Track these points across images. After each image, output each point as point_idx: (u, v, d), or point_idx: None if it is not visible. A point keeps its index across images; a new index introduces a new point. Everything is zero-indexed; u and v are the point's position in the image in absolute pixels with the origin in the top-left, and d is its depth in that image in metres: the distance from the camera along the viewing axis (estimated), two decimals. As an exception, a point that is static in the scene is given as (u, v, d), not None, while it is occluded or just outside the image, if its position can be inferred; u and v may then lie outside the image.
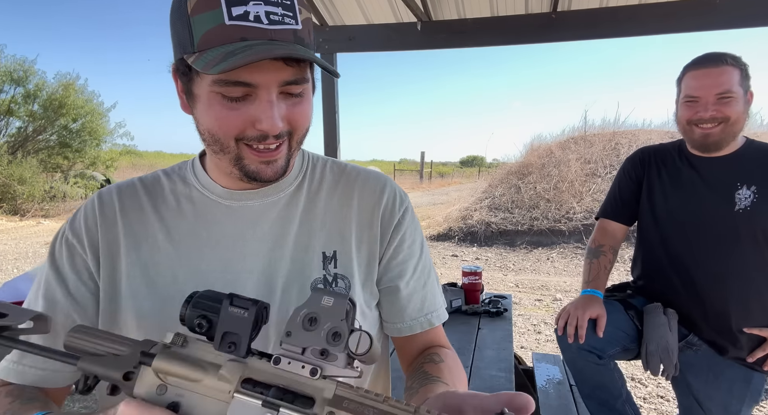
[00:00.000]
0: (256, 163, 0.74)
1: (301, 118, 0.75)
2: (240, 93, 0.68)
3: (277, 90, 0.70)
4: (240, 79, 0.66)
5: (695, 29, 2.78)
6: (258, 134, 0.71)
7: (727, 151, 1.77)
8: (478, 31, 3.12)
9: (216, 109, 0.70)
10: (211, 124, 0.72)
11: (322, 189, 0.89)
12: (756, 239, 1.69)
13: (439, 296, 0.94)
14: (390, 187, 0.92)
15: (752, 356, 1.72)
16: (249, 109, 0.69)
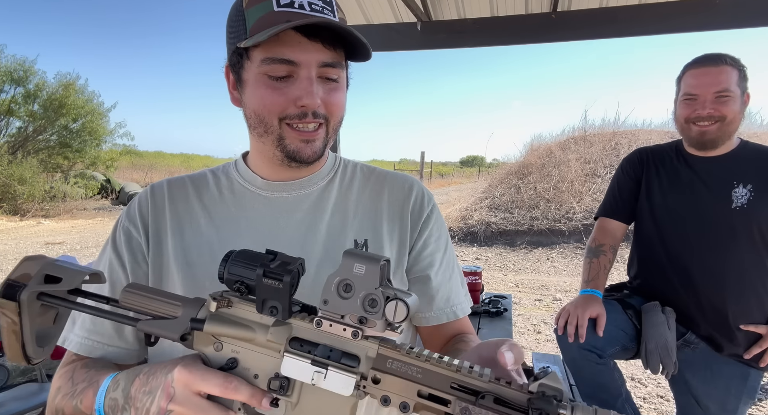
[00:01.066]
0: (297, 141, 0.82)
1: (337, 104, 0.83)
2: (284, 72, 0.78)
3: (316, 71, 0.79)
4: (284, 56, 0.76)
5: (695, 29, 2.78)
6: (299, 112, 0.79)
7: (724, 150, 1.80)
8: (478, 31, 3.12)
9: (262, 89, 0.79)
10: (257, 104, 0.81)
11: (353, 185, 0.97)
12: (752, 237, 1.72)
13: (462, 290, 0.99)
14: (418, 185, 1.00)
15: (749, 353, 1.74)
16: (291, 88, 0.78)
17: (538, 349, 4.22)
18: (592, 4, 2.87)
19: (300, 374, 0.57)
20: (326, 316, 0.57)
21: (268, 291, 0.59)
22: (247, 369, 0.60)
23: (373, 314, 0.55)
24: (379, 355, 0.55)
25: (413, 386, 0.53)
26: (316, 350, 0.57)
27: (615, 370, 1.83)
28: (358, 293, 0.55)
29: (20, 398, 2.47)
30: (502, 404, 0.50)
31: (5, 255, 8.59)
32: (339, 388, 0.55)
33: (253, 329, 0.60)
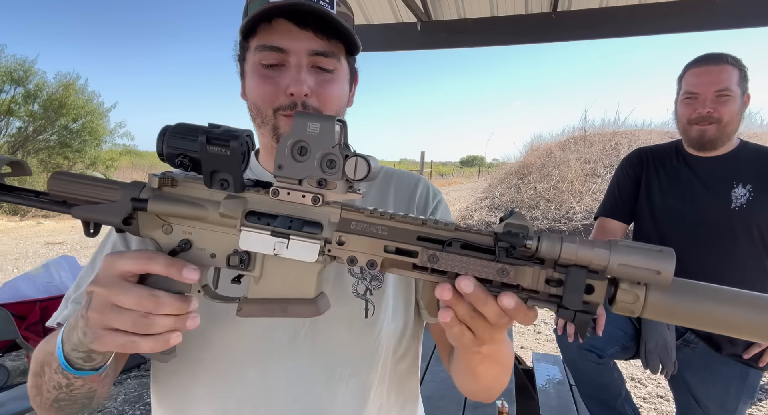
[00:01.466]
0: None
1: (330, 96, 0.82)
2: (274, 60, 0.79)
3: (307, 60, 0.80)
4: (274, 43, 0.78)
5: (695, 29, 2.79)
6: (289, 101, 0.79)
7: (723, 151, 1.80)
8: (478, 31, 3.12)
9: (256, 79, 0.81)
10: (253, 94, 0.82)
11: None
12: (751, 236, 1.72)
13: None
14: (423, 182, 1.00)
15: (748, 353, 1.74)
16: (282, 77, 0.79)
17: (538, 349, 4.22)
18: (592, 4, 2.87)
19: (260, 246, 0.54)
20: (283, 183, 0.54)
21: (215, 161, 0.54)
22: (202, 250, 0.57)
23: (333, 174, 0.53)
24: (343, 219, 0.54)
25: (379, 243, 0.52)
26: (275, 221, 0.55)
27: (615, 370, 1.83)
28: (315, 154, 0.53)
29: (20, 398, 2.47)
30: (470, 247, 0.50)
31: (5, 255, 8.58)
32: (303, 255, 0.54)
33: (203, 206, 0.56)
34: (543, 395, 2.39)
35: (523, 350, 4.14)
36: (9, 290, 3.56)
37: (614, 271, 0.45)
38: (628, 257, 0.44)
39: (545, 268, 0.47)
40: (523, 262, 0.48)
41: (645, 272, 0.44)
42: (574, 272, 0.46)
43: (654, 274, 0.44)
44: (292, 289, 0.56)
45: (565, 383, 2.52)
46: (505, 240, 0.47)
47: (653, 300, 0.46)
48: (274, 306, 0.56)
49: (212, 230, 0.57)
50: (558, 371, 2.66)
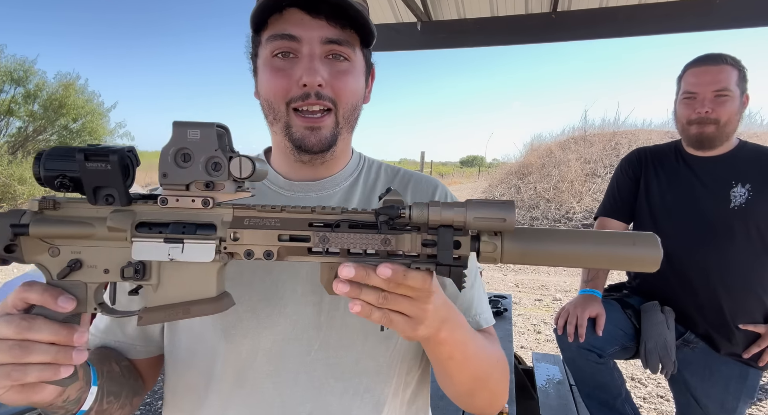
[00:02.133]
0: (301, 129, 0.79)
1: (346, 88, 0.79)
2: (285, 47, 0.77)
3: (320, 49, 0.77)
4: (285, 31, 0.76)
5: (695, 29, 2.78)
6: (302, 92, 0.76)
7: (722, 150, 1.81)
8: (478, 31, 3.12)
9: (268, 72, 0.79)
10: (266, 89, 0.80)
11: (376, 187, 0.93)
12: (750, 236, 1.72)
13: (485, 300, 0.94)
14: (441, 188, 0.96)
15: (748, 352, 1.75)
16: (294, 69, 0.77)
17: (538, 349, 4.22)
18: (592, 4, 2.87)
19: (154, 254, 0.55)
20: (170, 191, 0.55)
21: (97, 177, 0.54)
22: (93, 267, 0.57)
23: (219, 176, 0.54)
24: (236, 217, 0.56)
25: (272, 233, 0.55)
26: (167, 229, 0.55)
27: (615, 369, 1.83)
28: (198, 159, 0.54)
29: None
30: (356, 226, 0.54)
31: (5, 255, 8.57)
32: (199, 256, 0.55)
33: (90, 224, 0.56)
34: (543, 395, 2.39)
35: (523, 350, 4.14)
36: (9, 290, 3.56)
37: (472, 224, 0.52)
38: (479, 210, 0.52)
39: (420, 232, 0.54)
40: (401, 230, 0.54)
41: (494, 220, 0.52)
42: (442, 231, 0.53)
43: (501, 221, 0.52)
44: (192, 291, 0.56)
45: (565, 383, 2.52)
46: (384, 213, 0.53)
47: (507, 247, 0.54)
48: (176, 310, 0.56)
49: (102, 246, 0.57)
50: (558, 371, 2.66)
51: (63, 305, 0.55)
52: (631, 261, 0.53)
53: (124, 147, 0.55)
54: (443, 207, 0.52)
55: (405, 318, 0.58)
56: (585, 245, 0.53)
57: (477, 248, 0.54)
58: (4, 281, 4.33)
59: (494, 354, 0.83)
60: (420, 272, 0.54)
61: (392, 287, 0.54)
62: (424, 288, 0.55)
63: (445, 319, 0.65)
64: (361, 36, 0.81)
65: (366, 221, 0.55)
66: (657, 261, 0.52)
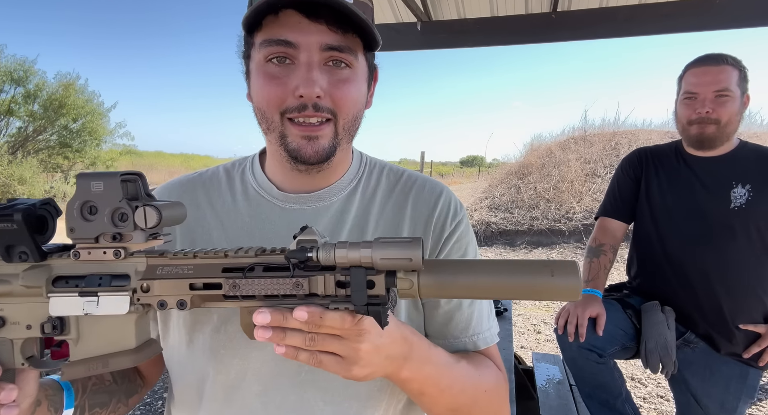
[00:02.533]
0: (298, 139, 0.74)
1: (346, 97, 0.74)
2: (281, 53, 0.71)
3: (319, 56, 0.71)
4: (281, 37, 0.69)
5: (695, 29, 2.79)
6: (298, 103, 0.71)
7: (722, 151, 1.81)
8: (478, 31, 3.12)
9: (261, 79, 0.73)
10: (259, 97, 0.74)
11: (376, 196, 0.87)
12: (750, 236, 1.72)
13: (488, 318, 0.87)
14: (445, 198, 0.88)
15: (748, 352, 1.75)
16: (290, 77, 0.71)
17: (538, 349, 4.22)
18: (592, 4, 2.87)
19: (70, 308, 0.55)
20: (81, 244, 0.55)
21: (5, 237, 0.55)
22: (16, 323, 0.58)
23: (125, 227, 0.54)
24: (149, 266, 0.55)
25: (184, 283, 0.54)
26: (83, 282, 0.56)
27: (615, 369, 1.83)
28: (104, 211, 0.54)
29: (20, 397, 2.47)
30: (271, 269, 0.53)
31: (5, 255, 8.57)
32: (114, 309, 0.55)
33: (7, 281, 0.57)
34: (543, 395, 2.39)
35: (523, 350, 4.14)
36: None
37: (379, 264, 0.51)
38: (384, 251, 0.50)
39: (334, 273, 0.52)
40: (315, 273, 0.53)
41: (400, 260, 0.50)
42: (354, 272, 0.51)
43: (407, 261, 0.50)
44: (111, 343, 0.56)
45: (565, 383, 2.52)
46: (293, 256, 0.52)
47: (424, 283, 0.52)
48: (95, 363, 0.56)
49: (23, 302, 0.58)
50: (558, 371, 2.66)
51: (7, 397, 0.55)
52: (550, 292, 0.50)
53: (35, 202, 0.56)
54: (350, 248, 0.51)
55: (336, 358, 0.56)
56: (501, 276, 0.51)
57: (394, 284, 0.52)
58: None
59: (481, 384, 0.77)
60: (339, 313, 0.52)
61: (314, 328, 0.53)
62: (347, 328, 0.53)
63: (401, 356, 0.62)
64: (364, 41, 0.75)
65: (280, 264, 0.54)
66: (577, 291, 0.49)
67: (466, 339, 0.84)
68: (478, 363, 0.81)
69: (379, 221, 0.84)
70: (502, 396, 0.81)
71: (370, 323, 0.56)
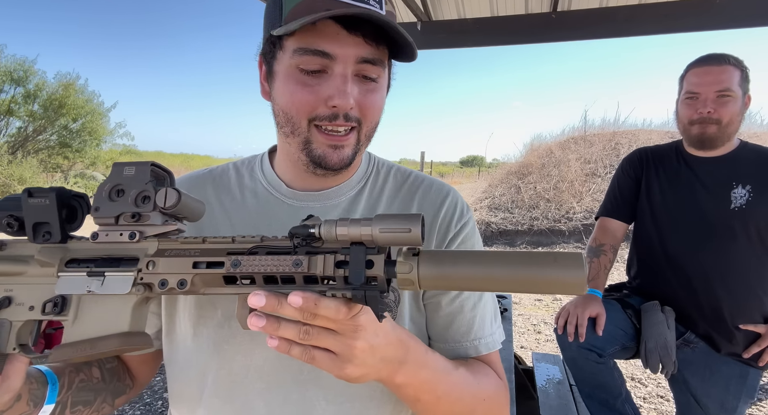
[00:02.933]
0: (324, 146, 0.75)
1: (373, 107, 0.76)
2: (317, 65, 0.70)
3: (353, 68, 0.72)
4: (319, 47, 0.69)
5: (695, 29, 2.79)
6: (330, 113, 0.72)
7: (723, 151, 1.81)
8: (478, 31, 3.12)
9: (292, 85, 0.72)
10: (286, 101, 0.74)
11: (383, 196, 0.88)
12: (750, 237, 1.72)
13: (492, 324, 0.86)
14: (451, 200, 0.88)
15: (748, 352, 1.75)
16: (323, 86, 0.71)
17: (538, 349, 4.22)
18: (592, 4, 2.87)
19: (74, 287, 0.56)
20: (101, 227, 0.57)
21: (37, 212, 0.57)
22: (21, 304, 0.58)
23: (145, 207, 0.56)
24: (159, 249, 0.56)
25: (188, 261, 0.54)
26: (94, 264, 0.57)
27: (615, 369, 1.83)
28: (129, 193, 0.56)
29: (20, 397, 2.47)
30: (272, 252, 0.53)
31: (5, 255, 8.57)
32: (117, 288, 0.55)
33: (24, 261, 0.58)
34: (543, 395, 2.39)
35: (523, 350, 4.14)
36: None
37: (378, 237, 0.50)
38: (384, 223, 0.50)
39: (333, 253, 0.52)
40: (315, 252, 0.53)
41: (400, 233, 0.49)
42: (354, 249, 0.51)
43: (406, 232, 0.49)
44: (105, 326, 0.56)
45: (565, 383, 2.52)
46: (296, 233, 0.52)
47: (423, 270, 0.50)
48: (84, 345, 0.56)
49: (33, 282, 0.59)
50: (558, 371, 2.66)
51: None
52: (554, 284, 0.48)
53: (71, 191, 0.59)
54: (351, 222, 0.51)
55: (330, 355, 0.55)
56: (504, 268, 0.49)
57: (394, 274, 0.51)
58: None
59: (480, 392, 0.76)
60: (334, 300, 0.51)
61: (309, 318, 0.52)
62: (342, 319, 0.52)
63: (397, 360, 0.62)
64: (391, 51, 0.76)
65: (283, 247, 0.54)
66: (582, 284, 0.47)
67: (468, 343, 0.83)
68: (477, 370, 0.80)
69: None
70: (502, 404, 0.80)
71: (366, 320, 0.55)
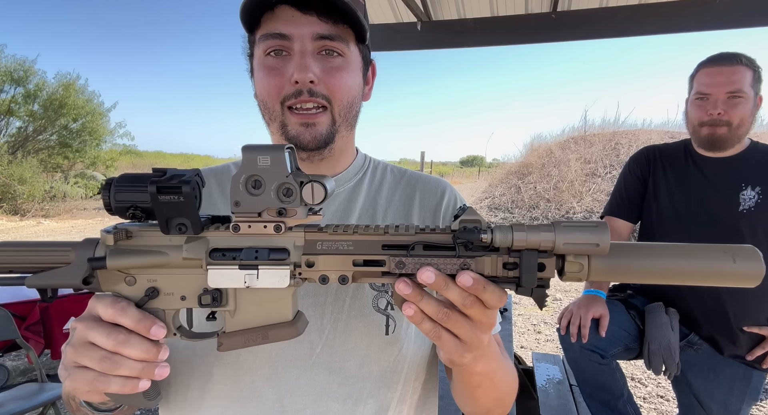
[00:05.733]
0: (297, 126, 0.78)
1: (339, 84, 0.78)
2: (278, 46, 0.76)
3: (312, 45, 0.76)
4: (276, 30, 0.75)
5: (695, 29, 2.78)
6: (294, 89, 0.75)
7: (733, 152, 1.78)
8: (478, 31, 3.12)
9: (261, 72, 0.78)
10: (261, 89, 0.79)
11: (382, 188, 0.91)
12: (758, 239, 1.70)
13: None
14: (450, 190, 0.94)
15: (752, 354, 1.73)
16: (287, 66, 0.76)
17: (538, 349, 4.22)
18: (592, 4, 2.87)
19: (230, 281, 0.55)
20: (242, 218, 0.55)
21: (169, 208, 0.54)
22: (170, 294, 0.58)
23: (291, 202, 0.54)
24: (308, 241, 0.55)
25: (347, 259, 0.54)
26: (240, 254, 0.55)
27: (617, 370, 1.82)
28: (270, 186, 0.54)
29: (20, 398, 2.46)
30: (432, 248, 0.53)
31: (5, 255, 8.56)
32: (275, 282, 0.54)
33: (164, 253, 0.56)
34: (543, 395, 2.39)
35: (523, 350, 4.14)
36: (9, 290, 3.55)
37: (561, 249, 0.50)
38: (570, 235, 0.49)
39: (501, 255, 0.52)
40: (481, 253, 0.52)
41: (587, 246, 0.49)
42: (526, 255, 0.51)
43: (594, 246, 0.49)
44: (269, 316, 0.56)
45: (565, 383, 2.52)
46: (463, 237, 0.51)
47: (595, 266, 0.51)
48: (254, 335, 0.57)
49: (178, 273, 0.57)
50: (558, 371, 2.66)
51: (155, 334, 0.56)
52: (728, 277, 0.49)
53: (192, 173, 0.55)
54: (529, 231, 0.50)
55: (454, 340, 0.56)
56: (677, 260, 0.50)
57: (561, 267, 0.51)
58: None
59: (514, 373, 0.81)
60: (500, 289, 0.52)
61: (468, 303, 0.52)
62: (496, 306, 0.53)
63: (486, 353, 0.64)
64: (355, 31, 0.79)
65: (442, 243, 0.53)
66: (760, 275, 0.48)
67: None
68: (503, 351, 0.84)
69: (387, 209, 0.88)
70: (517, 383, 0.85)
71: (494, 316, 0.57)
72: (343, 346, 0.78)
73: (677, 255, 0.50)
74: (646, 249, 0.51)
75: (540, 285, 0.51)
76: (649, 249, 0.51)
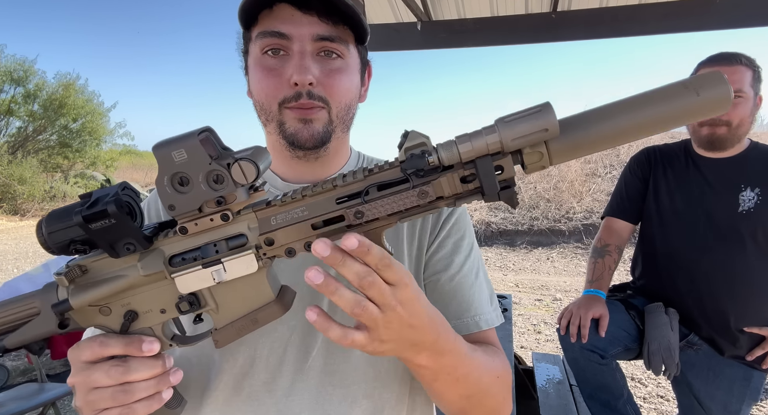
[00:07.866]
0: (294, 122, 0.77)
1: (339, 86, 0.77)
2: (276, 45, 0.74)
3: (312, 46, 0.75)
4: (275, 29, 0.74)
5: (695, 29, 2.78)
6: (293, 92, 0.74)
7: (732, 152, 1.78)
8: (478, 31, 3.12)
9: (259, 72, 0.76)
10: (257, 90, 0.78)
11: None
12: (757, 240, 1.70)
13: (488, 299, 0.88)
14: None
15: (752, 355, 1.73)
16: (285, 67, 0.75)
17: (538, 349, 4.22)
18: (592, 4, 2.87)
19: (200, 282, 0.54)
20: (185, 219, 0.53)
21: (106, 234, 0.52)
22: (149, 311, 0.57)
23: (225, 188, 0.51)
24: (260, 220, 0.53)
25: (305, 225, 0.52)
26: (200, 253, 0.54)
27: (617, 370, 1.82)
28: (197, 179, 0.51)
29: (20, 398, 2.47)
30: (385, 187, 0.51)
31: (5, 255, 8.58)
32: (244, 270, 0.54)
33: (125, 275, 0.55)
34: (543, 395, 2.39)
35: (523, 350, 4.14)
36: (9, 290, 3.55)
37: (512, 146, 0.47)
38: (515, 129, 0.47)
39: (455, 171, 0.49)
40: (435, 176, 0.50)
41: (536, 134, 0.47)
42: (480, 162, 0.48)
43: (544, 132, 0.46)
44: (251, 302, 0.56)
45: (565, 383, 2.52)
46: (410, 166, 0.49)
47: (555, 148, 0.48)
48: (245, 323, 0.56)
49: (148, 290, 0.57)
50: (558, 371, 2.66)
51: (148, 350, 0.56)
52: (697, 112, 0.46)
53: (116, 189, 0.53)
54: (473, 138, 0.48)
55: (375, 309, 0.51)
56: (638, 112, 0.46)
57: (521, 161, 0.49)
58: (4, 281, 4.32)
59: (494, 369, 0.76)
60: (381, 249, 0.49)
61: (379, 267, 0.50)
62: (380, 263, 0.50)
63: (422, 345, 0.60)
64: (355, 32, 0.79)
65: (393, 179, 0.51)
66: (728, 99, 0.45)
67: (468, 319, 0.83)
68: (488, 348, 0.81)
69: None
70: (509, 380, 0.82)
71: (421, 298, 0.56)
72: (338, 348, 0.77)
73: (636, 106, 0.47)
74: (597, 112, 0.49)
75: (505, 187, 0.49)
76: (601, 111, 0.48)
